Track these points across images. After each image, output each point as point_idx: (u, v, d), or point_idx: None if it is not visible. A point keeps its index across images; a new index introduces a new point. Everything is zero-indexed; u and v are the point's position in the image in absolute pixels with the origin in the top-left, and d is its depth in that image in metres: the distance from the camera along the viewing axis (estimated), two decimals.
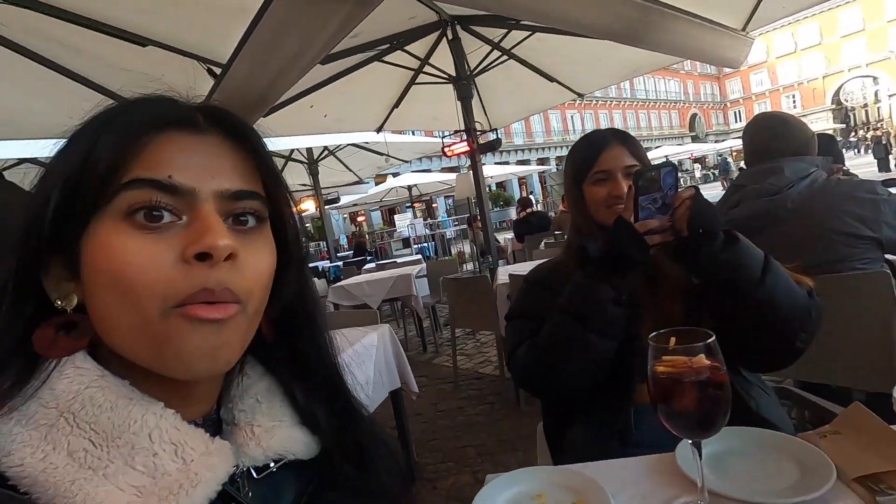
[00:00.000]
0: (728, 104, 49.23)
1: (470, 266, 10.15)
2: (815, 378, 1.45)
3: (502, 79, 5.36)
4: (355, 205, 16.39)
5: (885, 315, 1.37)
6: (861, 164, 16.70)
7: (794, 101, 42.70)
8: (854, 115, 40.40)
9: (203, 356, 0.37)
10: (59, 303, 0.37)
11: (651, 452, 0.75)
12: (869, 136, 28.11)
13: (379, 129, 6.08)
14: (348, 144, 7.98)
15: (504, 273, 3.26)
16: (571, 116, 36.66)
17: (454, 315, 3.61)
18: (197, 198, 0.37)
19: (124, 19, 2.65)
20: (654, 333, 0.61)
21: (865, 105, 39.93)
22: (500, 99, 5.99)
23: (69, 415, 0.35)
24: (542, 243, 5.49)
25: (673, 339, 0.60)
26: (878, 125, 34.63)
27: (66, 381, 0.36)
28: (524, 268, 3.52)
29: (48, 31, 2.70)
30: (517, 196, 26.01)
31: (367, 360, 1.96)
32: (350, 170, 9.35)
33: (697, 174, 33.39)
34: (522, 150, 33.67)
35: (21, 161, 5.24)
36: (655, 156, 26.00)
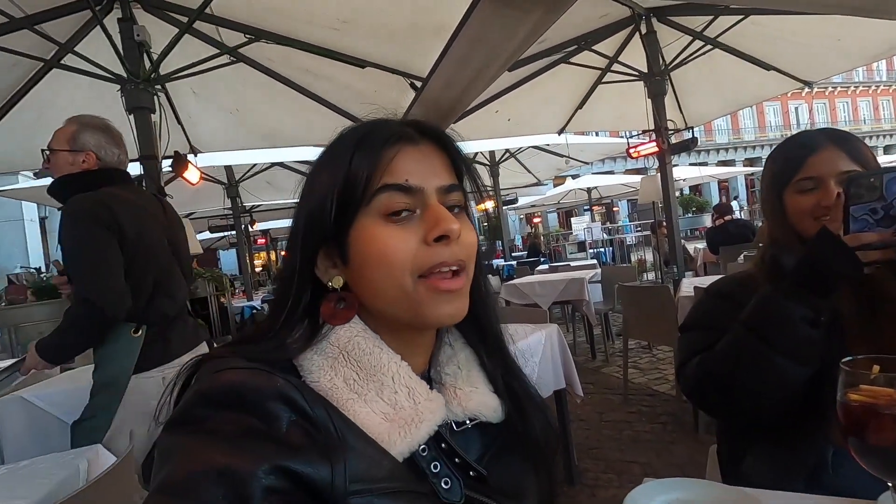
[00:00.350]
0: None
1: (651, 276, 9.39)
2: None
3: (704, 71, 4.84)
4: (532, 206, 16.53)
5: None
6: None
7: None
8: None
9: (451, 316, 0.51)
10: (330, 284, 0.52)
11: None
12: None
13: (561, 131, 6.05)
14: (529, 147, 8.12)
15: (689, 285, 2.98)
16: (796, 108, 30.71)
17: (628, 325, 3.43)
18: (425, 194, 0.50)
19: (351, 46, 3.19)
20: (849, 359, 0.55)
21: None
22: (700, 93, 5.40)
23: (345, 353, 0.49)
24: (742, 256, 4.80)
25: (876, 368, 0.53)
26: None
27: (343, 330, 0.51)
28: None
29: (297, 61, 3.42)
30: (715, 201, 22.97)
31: (534, 356, 2.03)
32: (529, 171, 9.50)
33: None
34: (726, 150, 29.56)
35: (272, 165, 6.70)
36: None
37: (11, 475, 1.18)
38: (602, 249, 12.32)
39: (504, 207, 9.85)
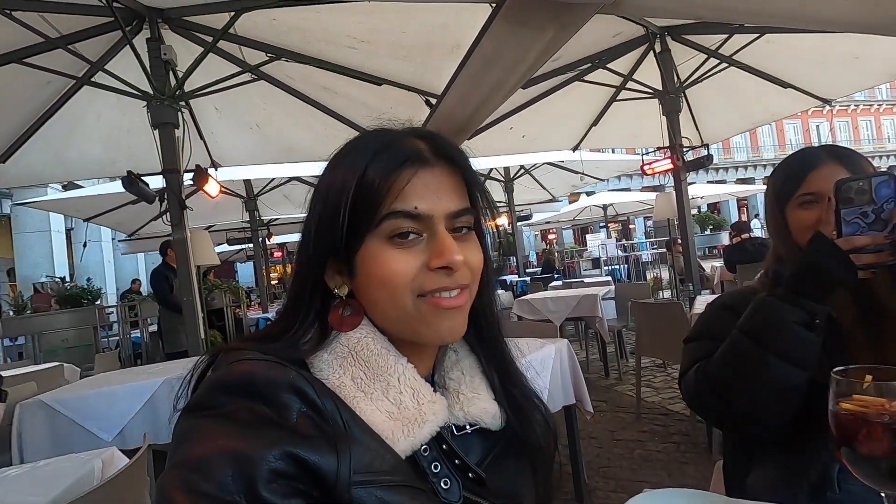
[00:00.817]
0: None
1: (667, 294, 9.25)
2: None
3: (719, 89, 4.84)
4: (547, 222, 16.49)
5: None
6: None
7: None
8: None
9: (450, 334, 0.53)
10: (336, 290, 0.54)
11: None
12: None
13: (575, 148, 6.07)
14: (544, 163, 8.15)
15: (703, 302, 2.95)
16: (817, 126, 30.29)
17: (641, 342, 3.40)
18: (433, 220, 0.51)
19: (368, 64, 3.28)
20: (841, 369, 0.55)
21: None
22: (716, 111, 5.39)
23: (354, 353, 0.51)
24: (759, 275, 4.72)
25: (868, 377, 0.54)
26: None
27: (353, 331, 0.53)
28: None
29: (316, 78, 3.52)
30: (734, 219, 22.63)
31: (544, 371, 2.03)
32: (544, 188, 9.52)
33: None
34: (745, 167, 29.21)
35: (290, 179, 6.83)
36: None
37: (31, 474, 1.22)
38: (617, 266, 12.21)
39: (518, 223, 9.86)
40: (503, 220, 9.79)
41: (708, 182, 21.29)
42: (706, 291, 6.41)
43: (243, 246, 9.70)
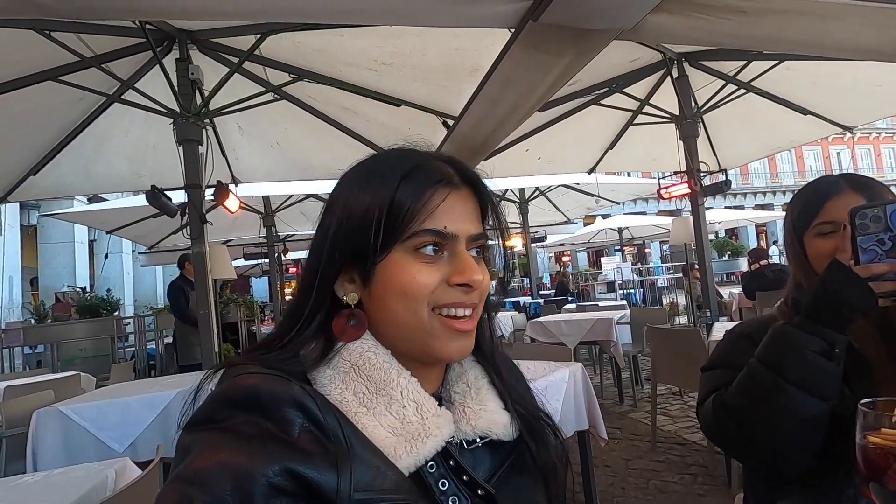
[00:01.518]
0: None
1: (683, 320, 9.09)
2: None
3: (738, 114, 4.82)
4: (562, 244, 16.42)
5: None
6: None
7: None
8: None
9: (459, 353, 0.54)
10: (345, 298, 0.54)
11: None
12: None
13: (591, 171, 6.08)
14: (559, 185, 8.16)
15: (721, 329, 2.89)
16: (838, 153, 29.89)
17: (657, 368, 3.33)
18: (458, 240, 0.53)
19: (388, 86, 3.35)
20: (868, 400, 0.54)
21: None
22: (734, 136, 5.36)
23: (356, 367, 0.51)
24: (779, 303, 4.62)
25: None
26: None
27: (355, 345, 0.53)
28: None
29: (336, 99, 3.60)
30: (752, 245, 22.26)
31: (557, 393, 1.99)
32: (559, 210, 9.51)
33: None
34: (764, 193, 28.84)
35: (307, 196, 6.94)
36: None
37: (45, 482, 1.23)
38: (632, 290, 12.06)
39: (533, 245, 9.83)
40: (517, 241, 9.80)
41: (726, 207, 21.03)
42: (724, 318, 6.28)
43: (259, 261, 9.83)
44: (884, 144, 30.97)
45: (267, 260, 8.35)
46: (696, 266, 6.40)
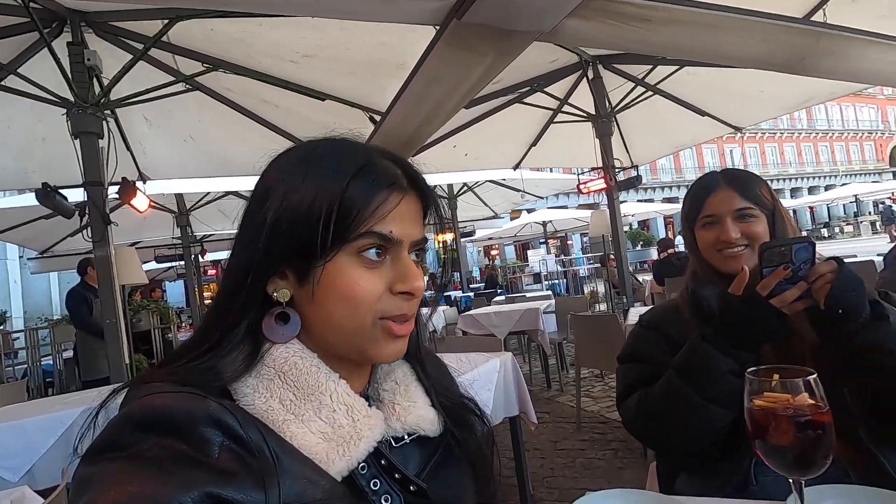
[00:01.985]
0: None
1: (603, 306, 9.68)
2: None
3: (646, 115, 5.21)
4: (490, 238, 16.84)
5: None
6: None
7: None
8: None
9: (394, 356, 0.53)
10: (275, 295, 0.51)
11: None
12: None
13: (516, 167, 6.29)
14: (486, 181, 8.36)
15: (635, 314, 3.12)
16: (731, 151, 33.22)
17: (580, 354, 3.53)
18: (402, 246, 0.52)
19: (310, 80, 3.25)
20: (753, 369, 0.62)
21: None
22: (644, 135, 5.79)
23: (281, 374, 0.49)
24: (682, 289, 5.07)
25: (776, 376, 0.60)
26: None
27: (279, 350, 0.50)
28: None
29: (255, 91, 3.44)
30: (661, 236, 24.14)
31: (489, 383, 2.06)
32: (486, 205, 9.75)
33: None
34: (670, 187, 31.38)
35: (226, 193, 6.57)
36: (841, 194, 22.12)
37: None
38: (557, 281, 12.65)
39: (462, 239, 10.00)
40: (450, 236, 9.89)
41: (638, 201, 22.63)
42: (638, 304, 6.78)
43: (174, 263, 9.14)
44: (767, 143, 34.87)
45: (182, 262, 7.80)
46: (613, 256, 6.85)
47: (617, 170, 5.35)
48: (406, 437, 0.55)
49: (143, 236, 7.66)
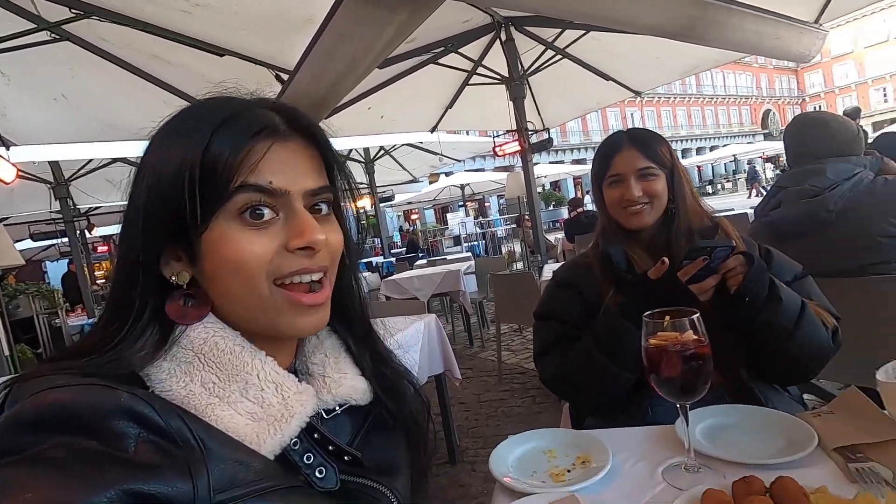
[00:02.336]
0: (807, 99, 45.66)
1: (520, 265, 10.16)
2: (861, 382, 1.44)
3: (556, 78, 5.37)
4: (409, 203, 16.79)
5: None
6: None
7: (885, 95, 39.06)
8: None
9: (310, 328, 0.50)
10: (174, 279, 0.47)
11: None
12: None
13: (433, 130, 6.26)
14: (403, 144, 8.24)
15: (549, 271, 3.33)
16: (631, 114, 35.43)
17: (500, 311, 3.71)
18: (290, 197, 0.47)
19: (206, 33, 2.95)
20: (649, 312, 0.70)
21: None
22: (554, 98, 5.98)
23: (201, 355, 0.46)
24: (592, 244, 5.45)
25: (668, 318, 0.69)
26: None
27: (197, 331, 0.47)
28: None
29: (141, 44, 3.06)
30: (571, 196, 25.51)
31: (414, 345, 2.11)
32: (405, 169, 9.64)
33: (770, 174, 31.43)
34: (579, 149, 32.97)
35: (113, 160, 5.88)
36: (722, 154, 24.56)
37: None
38: (476, 242, 13.01)
39: (381, 205, 9.87)
40: (366, 202, 9.74)
41: (550, 163, 23.61)
42: (552, 260, 7.20)
43: (54, 241, 8.12)
44: (662, 107, 37.62)
45: (66, 239, 6.95)
46: (528, 216, 7.16)
47: (530, 133, 5.52)
48: (337, 407, 0.54)
49: (14, 211, 6.69)
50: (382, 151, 8.61)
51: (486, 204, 26.64)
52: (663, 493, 0.66)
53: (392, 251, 11.40)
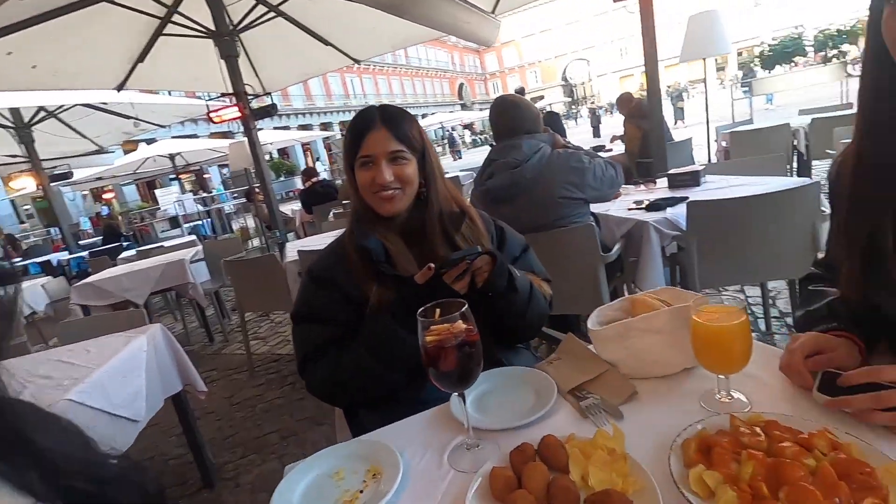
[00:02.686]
0: (487, 76, 55.54)
1: (256, 242, 9.44)
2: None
3: (273, 39, 4.98)
4: (99, 179, 13.40)
5: (590, 260, 1.83)
6: (582, 132, 21.01)
7: (537, 77, 50.74)
8: (576, 90, 50.45)
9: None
10: None
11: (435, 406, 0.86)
12: (585, 109, 35.52)
13: (120, 87, 5.03)
14: (77, 104, 6.39)
15: (293, 249, 3.15)
16: (351, 81, 36.26)
17: (242, 299, 3.34)
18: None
19: None
20: (422, 309, 0.69)
21: (583, 83, 50.20)
22: (273, 61, 5.57)
23: None
24: (331, 213, 5.44)
25: (438, 311, 0.69)
26: (592, 100, 44.72)
27: None
28: (316, 241, 3.43)
29: None
30: (302, 164, 24.90)
31: (136, 369, 1.69)
32: (84, 136, 7.53)
33: (468, 139, 37.29)
34: (304, 115, 32.08)
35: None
36: (431, 122, 27.77)
37: None
38: (200, 222, 11.39)
39: (54, 184, 7.56)
40: (26, 181, 7.34)
41: (274, 128, 22.25)
42: (291, 235, 6.90)
43: None
44: (379, 75, 39.77)
45: None
46: (259, 189, 6.62)
47: (250, 97, 5.02)
48: None
49: None
50: (44, 113, 6.49)
51: (206, 175, 23.43)
52: (452, 482, 0.68)
53: (81, 243, 9.00)
